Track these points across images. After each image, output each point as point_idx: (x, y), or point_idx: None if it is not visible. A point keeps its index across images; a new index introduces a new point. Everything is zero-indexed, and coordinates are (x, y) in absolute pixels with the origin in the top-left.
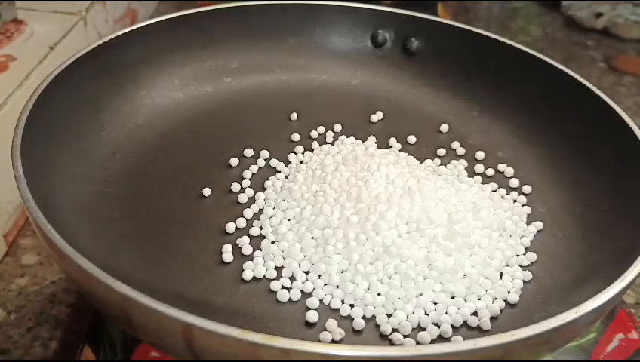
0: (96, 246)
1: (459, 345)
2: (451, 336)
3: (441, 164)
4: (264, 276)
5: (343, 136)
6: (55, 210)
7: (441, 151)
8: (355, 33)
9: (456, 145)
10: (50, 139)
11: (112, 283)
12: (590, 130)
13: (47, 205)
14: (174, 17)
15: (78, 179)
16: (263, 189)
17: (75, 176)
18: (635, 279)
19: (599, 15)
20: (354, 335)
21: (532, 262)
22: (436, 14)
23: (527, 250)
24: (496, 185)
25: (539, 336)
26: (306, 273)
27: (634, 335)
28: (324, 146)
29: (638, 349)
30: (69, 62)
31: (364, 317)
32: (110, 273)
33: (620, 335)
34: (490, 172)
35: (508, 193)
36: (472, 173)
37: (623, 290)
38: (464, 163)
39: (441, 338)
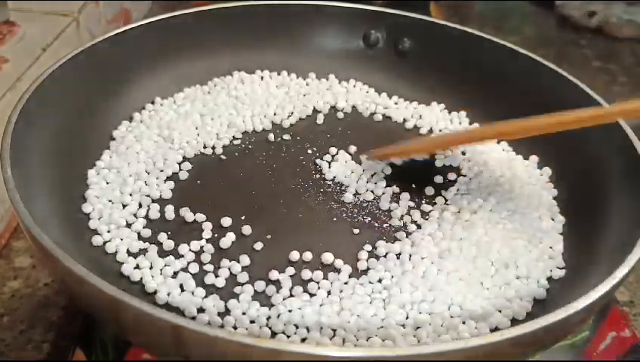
0: (87, 250)
1: (449, 344)
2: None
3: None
4: None
5: None
6: (45, 212)
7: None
8: (347, 33)
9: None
10: (40, 141)
11: (102, 285)
12: (582, 131)
13: (37, 207)
14: (165, 18)
15: (69, 181)
16: None
17: (65, 177)
18: (624, 278)
19: (592, 14)
20: None
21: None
22: (428, 14)
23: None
24: None
25: (528, 336)
26: None
27: (627, 333)
28: None
29: (630, 347)
30: (59, 64)
31: None
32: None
33: (613, 334)
34: None
35: None
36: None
37: (613, 289)
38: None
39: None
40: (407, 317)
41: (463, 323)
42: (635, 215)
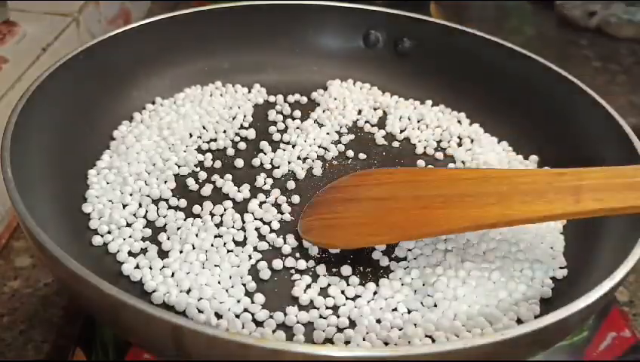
0: (87, 250)
1: (449, 344)
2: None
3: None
4: None
5: None
6: (45, 212)
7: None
8: (347, 33)
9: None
10: (40, 141)
11: (102, 285)
12: (581, 130)
13: (37, 207)
14: (166, 18)
15: (69, 181)
16: None
17: (65, 177)
18: (624, 278)
19: (592, 14)
20: None
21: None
22: (428, 14)
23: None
24: None
25: (529, 335)
26: None
27: (626, 333)
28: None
29: (630, 347)
30: (59, 64)
31: None
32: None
33: (613, 334)
34: None
35: None
36: None
37: (613, 289)
38: None
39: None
40: (415, 325)
41: (469, 331)
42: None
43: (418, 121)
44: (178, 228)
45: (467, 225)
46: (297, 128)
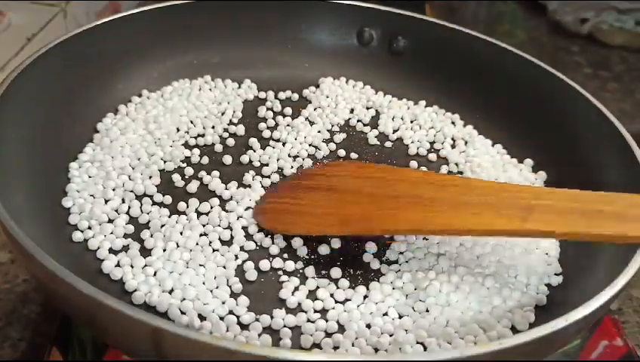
0: (67, 246)
1: (441, 352)
2: None
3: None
4: None
5: None
6: (23, 205)
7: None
8: (340, 30)
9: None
10: (20, 131)
11: (77, 283)
12: (577, 133)
13: (14, 200)
14: (155, 9)
15: (49, 174)
16: None
17: (45, 170)
18: (625, 286)
19: (584, 21)
20: None
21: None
22: (423, 15)
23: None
24: None
25: (527, 345)
26: None
27: (618, 342)
28: None
29: (622, 356)
30: (42, 52)
31: None
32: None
33: (605, 342)
34: None
35: None
36: None
37: (613, 298)
38: None
39: None
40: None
41: (462, 338)
42: None
43: (411, 122)
44: (162, 226)
45: (408, 228)
46: (288, 125)
